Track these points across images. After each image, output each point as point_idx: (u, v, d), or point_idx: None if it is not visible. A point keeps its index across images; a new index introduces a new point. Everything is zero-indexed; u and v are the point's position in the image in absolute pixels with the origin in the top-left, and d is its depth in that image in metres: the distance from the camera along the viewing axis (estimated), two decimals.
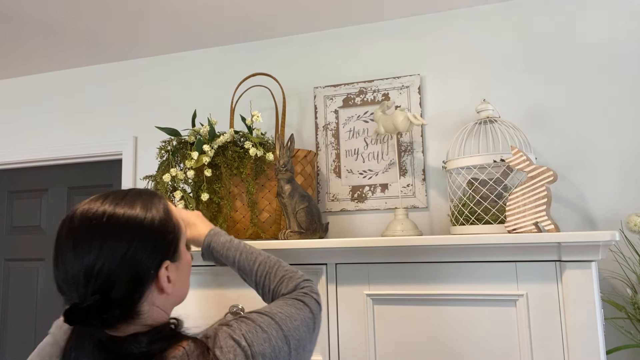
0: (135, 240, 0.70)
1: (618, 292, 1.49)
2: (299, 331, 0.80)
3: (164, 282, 0.74)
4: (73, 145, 2.20)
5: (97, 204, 0.72)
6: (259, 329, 0.75)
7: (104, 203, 0.73)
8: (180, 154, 1.50)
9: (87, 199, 0.75)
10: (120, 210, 0.72)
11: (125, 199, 0.75)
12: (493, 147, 1.56)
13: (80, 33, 1.91)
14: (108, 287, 0.68)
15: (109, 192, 0.76)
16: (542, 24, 1.68)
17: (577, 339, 1.02)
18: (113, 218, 0.71)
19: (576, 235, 1.03)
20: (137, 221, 0.72)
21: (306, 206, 1.39)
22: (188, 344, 0.70)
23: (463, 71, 1.74)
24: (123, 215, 0.71)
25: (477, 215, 1.37)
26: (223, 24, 1.85)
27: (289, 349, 0.76)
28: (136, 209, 0.73)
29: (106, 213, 0.71)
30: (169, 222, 0.77)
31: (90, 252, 0.68)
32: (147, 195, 0.78)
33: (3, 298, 2.31)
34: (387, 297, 1.18)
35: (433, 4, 1.74)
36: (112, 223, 0.70)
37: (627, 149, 1.55)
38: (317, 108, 1.87)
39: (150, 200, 0.77)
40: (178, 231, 0.79)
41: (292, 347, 0.77)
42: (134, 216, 0.72)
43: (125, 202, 0.74)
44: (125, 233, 0.70)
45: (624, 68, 1.58)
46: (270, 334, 0.75)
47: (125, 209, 0.72)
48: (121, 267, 0.69)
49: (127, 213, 0.72)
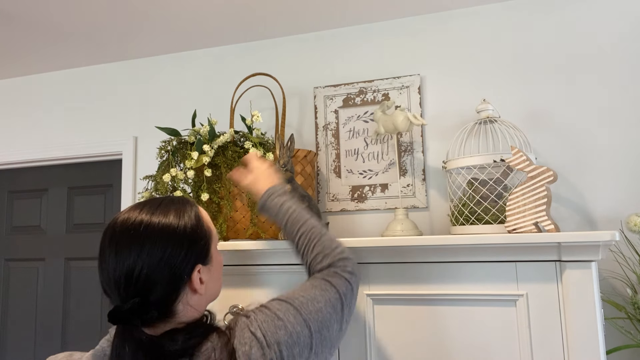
0: (170, 247, 0.77)
1: (618, 292, 1.49)
2: (322, 313, 0.83)
3: (197, 284, 0.80)
4: (73, 145, 2.20)
5: (135, 213, 0.80)
6: (275, 317, 0.79)
7: (141, 212, 0.80)
8: (180, 154, 1.50)
9: (127, 208, 0.83)
10: (155, 219, 0.79)
11: (160, 207, 0.81)
12: (493, 147, 1.56)
13: (80, 33, 1.91)
14: (147, 290, 0.75)
15: (145, 202, 0.84)
16: (542, 23, 1.68)
17: (577, 339, 1.02)
18: (150, 227, 0.78)
19: (576, 235, 1.02)
20: (171, 229, 0.79)
21: (306, 206, 1.39)
22: (214, 336, 0.76)
23: (463, 71, 1.74)
24: (158, 223, 0.78)
25: (477, 215, 1.37)
26: (223, 23, 1.86)
27: (310, 332, 0.80)
28: (169, 217, 0.80)
29: (143, 222, 0.78)
30: (201, 228, 0.83)
31: (129, 257, 0.75)
32: (180, 203, 0.84)
33: (3, 298, 2.31)
34: (387, 297, 1.18)
35: (433, 4, 1.74)
36: (148, 231, 0.77)
37: (627, 149, 1.55)
38: (317, 108, 1.87)
39: (182, 208, 0.83)
40: (209, 236, 0.85)
41: (314, 329, 0.80)
42: (168, 224, 0.79)
43: (160, 211, 0.80)
44: (161, 240, 0.77)
45: (624, 68, 1.58)
46: (287, 320, 0.79)
47: (160, 218, 0.79)
48: (158, 271, 0.75)
49: (161, 221, 0.79)
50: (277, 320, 0.79)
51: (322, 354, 0.81)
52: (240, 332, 0.77)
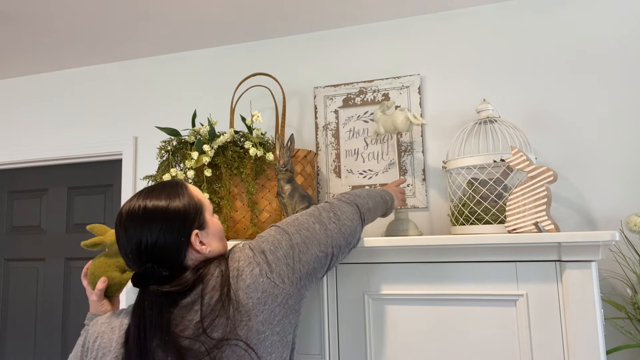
0: (165, 222, 0.95)
1: (618, 292, 1.49)
2: (298, 220, 1.04)
3: (197, 245, 0.97)
4: (73, 145, 2.20)
5: (134, 201, 0.98)
6: (259, 237, 1.02)
7: (139, 199, 0.98)
8: (180, 154, 1.50)
9: (130, 198, 1.01)
10: (149, 203, 0.97)
11: (153, 192, 0.99)
12: (493, 147, 1.55)
13: (80, 33, 1.91)
14: (154, 256, 0.94)
15: (143, 190, 1.02)
16: (542, 24, 1.68)
17: (577, 339, 1.02)
18: (146, 209, 0.96)
19: (576, 235, 1.02)
20: (164, 209, 0.96)
21: (306, 206, 1.39)
22: (215, 262, 0.97)
23: (463, 71, 1.74)
24: (152, 206, 0.96)
25: (477, 215, 1.37)
26: (223, 24, 1.86)
27: (288, 234, 1.00)
28: (161, 200, 0.97)
29: (141, 207, 0.96)
30: (190, 203, 1.00)
31: (135, 235, 0.94)
32: (170, 186, 1.02)
33: (3, 298, 2.30)
34: (387, 297, 1.18)
35: (433, 4, 1.74)
36: (146, 213, 0.96)
37: (627, 149, 1.55)
38: (317, 108, 1.87)
39: (173, 190, 1.01)
40: (200, 207, 1.01)
41: (291, 232, 1.01)
42: (161, 206, 0.97)
43: (153, 196, 0.98)
44: (156, 218, 0.95)
45: (624, 68, 1.58)
46: (269, 234, 1.02)
47: (154, 202, 0.97)
48: (160, 241, 0.94)
49: (155, 204, 0.97)
50: (260, 237, 1.02)
51: (308, 250, 0.99)
52: (232, 254, 1.00)
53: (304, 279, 0.98)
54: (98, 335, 0.97)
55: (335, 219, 1.05)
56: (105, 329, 0.97)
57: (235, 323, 0.90)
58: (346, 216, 1.07)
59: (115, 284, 1.16)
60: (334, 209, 1.07)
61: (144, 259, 0.94)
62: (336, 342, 1.21)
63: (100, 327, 0.99)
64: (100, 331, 0.98)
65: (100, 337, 0.96)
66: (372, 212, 1.17)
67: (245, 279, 0.94)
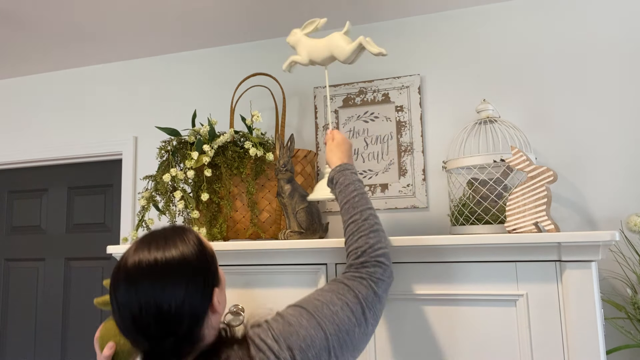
0: (190, 279, 0.77)
1: (618, 292, 1.49)
2: (338, 316, 0.83)
3: (217, 305, 0.81)
4: (73, 145, 2.20)
5: (145, 254, 0.77)
6: (287, 324, 0.80)
7: (149, 250, 0.78)
8: (180, 154, 1.50)
9: (132, 249, 0.80)
10: (168, 254, 0.77)
11: (167, 241, 0.80)
12: (493, 147, 1.56)
13: (80, 33, 1.91)
14: (176, 325, 0.74)
15: (145, 238, 0.82)
16: (542, 23, 1.68)
17: (577, 339, 1.02)
18: (166, 263, 0.76)
19: (576, 235, 1.02)
20: (186, 262, 0.78)
21: (306, 206, 1.39)
22: (235, 347, 0.78)
23: (463, 71, 1.74)
24: (173, 259, 0.77)
25: (477, 215, 1.37)
26: (223, 23, 1.85)
27: (326, 335, 0.80)
28: (180, 249, 0.79)
29: (158, 259, 0.77)
30: (207, 252, 0.83)
31: (153, 295, 0.74)
32: (181, 232, 0.83)
33: (3, 298, 2.30)
34: (387, 297, 1.18)
35: (433, 4, 1.74)
36: (166, 268, 0.76)
37: (627, 149, 1.55)
38: (317, 108, 1.87)
39: (186, 236, 0.82)
40: (214, 258, 0.85)
41: (330, 332, 0.81)
42: (182, 257, 0.78)
43: (165, 245, 0.79)
44: (179, 274, 0.76)
45: (624, 68, 1.58)
46: (299, 325, 0.80)
47: (172, 252, 0.78)
48: (184, 305, 0.75)
49: (174, 256, 0.77)
50: (289, 326, 0.80)
51: (343, 356, 0.82)
52: (257, 340, 0.78)
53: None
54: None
55: (375, 317, 0.91)
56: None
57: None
58: (383, 302, 0.95)
59: (124, 352, 0.98)
60: (379, 301, 0.92)
61: (162, 329, 0.74)
62: None
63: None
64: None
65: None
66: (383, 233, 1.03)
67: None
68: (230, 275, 1.32)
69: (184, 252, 0.78)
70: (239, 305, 1.29)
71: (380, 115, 1.79)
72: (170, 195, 1.48)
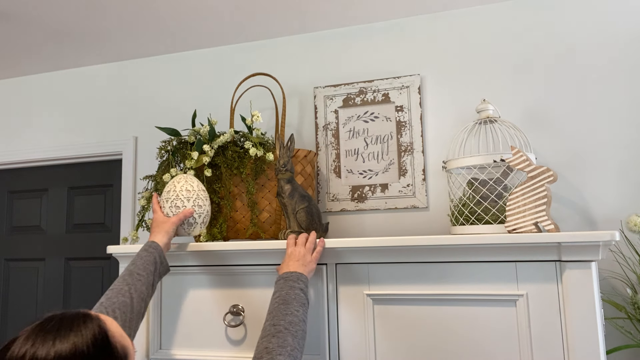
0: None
1: (618, 292, 1.49)
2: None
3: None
4: (73, 145, 2.20)
5: (31, 346, 0.60)
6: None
7: (34, 343, 0.61)
8: (180, 154, 1.50)
9: (22, 337, 0.62)
10: (58, 348, 0.60)
11: (56, 331, 0.62)
12: (493, 147, 1.56)
13: (80, 33, 1.91)
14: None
15: (36, 328, 0.63)
16: (543, 23, 1.68)
17: (577, 339, 1.02)
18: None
19: (576, 235, 1.03)
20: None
21: (306, 206, 1.39)
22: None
23: (463, 71, 1.74)
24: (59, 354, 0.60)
25: (477, 215, 1.37)
26: (223, 23, 1.85)
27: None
28: (67, 343, 0.61)
29: (49, 356, 0.60)
30: (110, 354, 0.65)
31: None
32: (77, 320, 0.65)
33: (3, 298, 2.30)
34: (387, 297, 1.18)
35: (433, 4, 1.73)
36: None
37: (627, 149, 1.55)
38: (317, 108, 1.87)
39: (75, 329, 0.63)
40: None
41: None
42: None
43: (58, 336, 0.62)
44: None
45: (624, 67, 1.58)
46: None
47: (62, 345, 0.61)
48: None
49: (62, 350, 0.60)
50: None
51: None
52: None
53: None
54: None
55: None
56: None
57: None
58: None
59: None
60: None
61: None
62: (336, 342, 1.21)
63: None
64: None
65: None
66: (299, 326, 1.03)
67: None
68: (230, 275, 1.32)
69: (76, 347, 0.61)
70: (238, 305, 1.29)
71: (380, 115, 1.79)
72: None
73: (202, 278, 1.34)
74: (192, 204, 1.27)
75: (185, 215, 1.25)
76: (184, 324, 1.34)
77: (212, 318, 1.32)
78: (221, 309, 1.31)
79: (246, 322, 1.28)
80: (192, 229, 1.28)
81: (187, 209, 1.26)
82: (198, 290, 1.34)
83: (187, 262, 1.34)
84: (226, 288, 1.32)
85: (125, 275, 1.12)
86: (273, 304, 1.07)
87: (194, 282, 1.34)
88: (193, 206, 1.27)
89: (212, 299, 1.32)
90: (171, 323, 1.34)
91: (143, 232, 1.77)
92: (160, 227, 1.23)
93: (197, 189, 1.29)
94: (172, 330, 1.35)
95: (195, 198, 1.28)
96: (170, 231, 1.23)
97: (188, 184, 1.28)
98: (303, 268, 1.14)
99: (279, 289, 1.10)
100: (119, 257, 1.39)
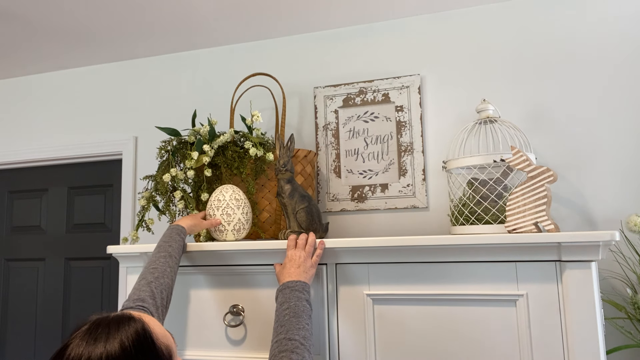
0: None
1: (618, 292, 1.49)
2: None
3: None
4: (73, 145, 2.20)
5: (85, 347, 0.66)
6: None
7: (87, 344, 0.66)
8: (180, 154, 1.50)
9: (77, 338, 0.67)
10: (109, 347, 0.66)
11: (106, 332, 0.68)
12: (493, 147, 1.56)
13: (80, 33, 1.91)
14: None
15: (85, 329, 0.69)
16: (543, 24, 1.68)
17: (577, 339, 1.02)
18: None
19: (576, 235, 1.03)
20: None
21: (306, 206, 1.39)
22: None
23: (463, 71, 1.74)
24: (113, 354, 0.65)
25: (477, 215, 1.37)
26: (223, 23, 1.85)
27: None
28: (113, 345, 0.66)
29: (102, 355, 0.65)
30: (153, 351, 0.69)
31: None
32: (126, 321, 0.70)
33: (3, 298, 2.30)
34: (387, 297, 1.18)
35: (433, 3, 1.73)
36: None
37: (627, 149, 1.55)
38: (317, 108, 1.87)
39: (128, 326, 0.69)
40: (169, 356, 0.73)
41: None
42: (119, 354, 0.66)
43: (107, 338, 0.67)
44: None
45: (624, 67, 1.58)
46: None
47: (112, 345, 0.66)
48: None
49: (113, 350, 0.65)
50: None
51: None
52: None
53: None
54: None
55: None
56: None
57: None
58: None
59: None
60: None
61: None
62: (336, 342, 1.21)
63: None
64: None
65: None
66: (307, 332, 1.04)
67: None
68: (230, 275, 1.32)
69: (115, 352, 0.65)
70: (239, 305, 1.29)
71: (380, 115, 1.79)
72: (170, 195, 1.48)
73: (202, 278, 1.34)
74: (241, 212, 1.37)
75: (212, 223, 1.36)
76: (183, 323, 1.34)
77: (212, 318, 1.32)
78: (221, 309, 1.31)
79: (246, 322, 1.28)
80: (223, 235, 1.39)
81: (216, 218, 1.37)
82: (198, 290, 1.34)
83: (187, 262, 1.34)
84: (226, 288, 1.32)
85: (165, 256, 1.17)
86: (283, 315, 1.05)
87: (194, 282, 1.34)
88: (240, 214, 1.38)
89: (212, 299, 1.32)
90: (171, 323, 1.34)
91: (143, 232, 1.77)
92: (195, 219, 1.35)
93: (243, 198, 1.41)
94: (172, 330, 1.35)
95: (243, 206, 1.39)
96: (197, 228, 1.34)
97: (236, 193, 1.39)
98: (305, 275, 1.14)
99: (286, 300, 1.08)
100: (119, 257, 1.39)
